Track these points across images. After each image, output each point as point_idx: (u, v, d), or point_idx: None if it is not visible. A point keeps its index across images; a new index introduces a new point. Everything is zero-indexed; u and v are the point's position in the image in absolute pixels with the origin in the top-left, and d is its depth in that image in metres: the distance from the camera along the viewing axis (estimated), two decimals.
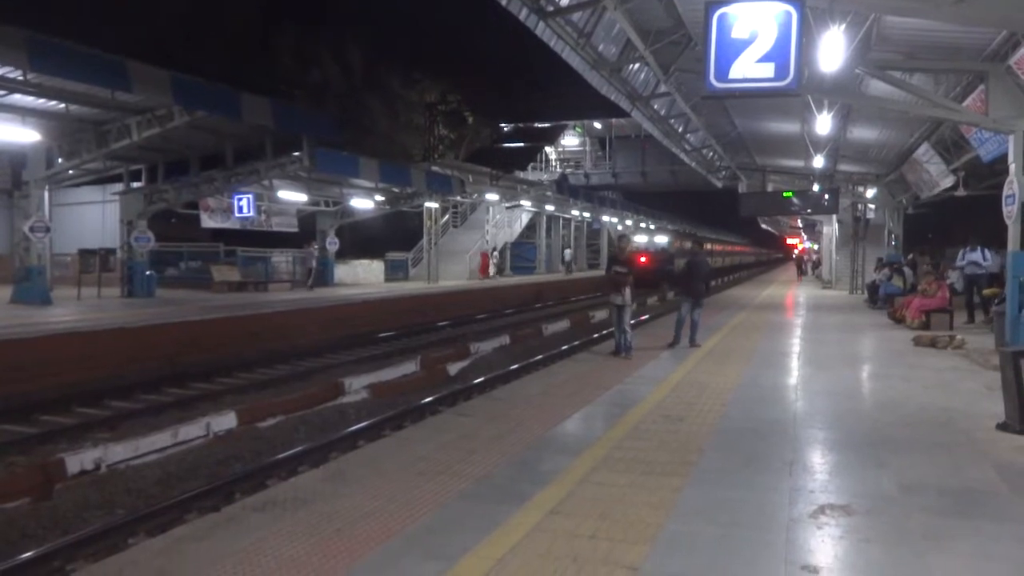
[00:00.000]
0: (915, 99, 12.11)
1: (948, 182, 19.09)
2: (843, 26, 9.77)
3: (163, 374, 12.80)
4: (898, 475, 5.32)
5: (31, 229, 17.64)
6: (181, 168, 22.50)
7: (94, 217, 25.88)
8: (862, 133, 19.73)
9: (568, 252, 46.74)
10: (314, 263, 27.61)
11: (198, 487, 7.12)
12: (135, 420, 10.11)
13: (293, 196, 27.35)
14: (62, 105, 16.64)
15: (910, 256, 22.56)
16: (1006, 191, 10.67)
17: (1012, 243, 10.60)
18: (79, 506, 6.86)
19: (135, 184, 22.81)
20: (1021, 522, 4.45)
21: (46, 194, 18.76)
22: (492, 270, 36.38)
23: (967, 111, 12.05)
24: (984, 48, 10.80)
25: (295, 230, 30.46)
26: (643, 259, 43.11)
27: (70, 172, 21.00)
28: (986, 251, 15.92)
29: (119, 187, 23.25)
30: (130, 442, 8.34)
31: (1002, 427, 6.53)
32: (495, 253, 37.46)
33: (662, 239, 50.86)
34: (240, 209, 25.92)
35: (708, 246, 35.08)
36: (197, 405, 11.03)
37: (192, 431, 9.05)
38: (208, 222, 26.69)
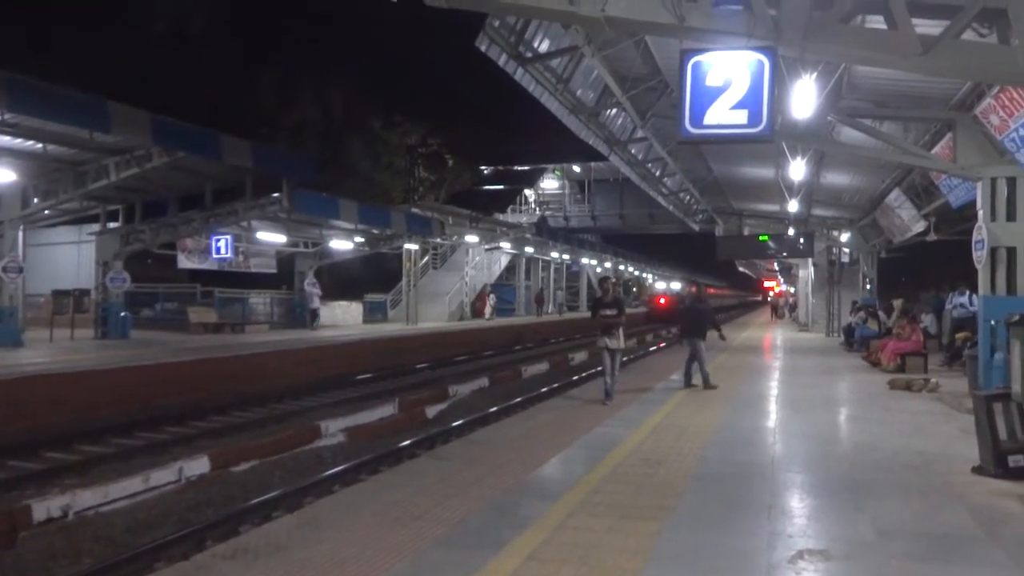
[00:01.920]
0: (885, 146, 12.38)
1: (919, 227, 19.44)
2: (814, 75, 10.02)
3: (136, 418, 12.57)
4: (875, 519, 5.32)
5: (4, 269, 17.37)
6: (159, 208, 22.38)
7: (69, 258, 25.60)
8: (835, 179, 20.11)
9: (560, 294, 47.58)
10: (318, 304, 27.70)
11: (168, 534, 6.95)
12: (105, 465, 9.89)
13: (272, 237, 27.28)
14: (39, 145, 16.56)
15: (888, 303, 22.65)
16: (975, 237, 10.87)
17: (983, 287, 10.77)
18: (44, 555, 6.66)
19: (112, 224, 22.64)
20: (996, 566, 4.46)
21: (20, 234, 18.56)
22: (489, 311, 36.55)
23: (936, 158, 12.33)
24: (951, 97, 11.11)
25: (273, 271, 30.32)
26: (662, 300, 52.45)
27: (46, 212, 20.82)
28: (973, 296, 16.12)
29: (95, 227, 23.06)
30: (99, 488, 8.14)
31: (977, 471, 6.57)
32: (492, 295, 37.91)
33: (677, 285, 64.72)
34: (218, 250, 25.75)
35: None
36: (170, 449, 10.83)
37: (164, 476, 8.85)
38: (185, 263, 26.50)
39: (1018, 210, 10.51)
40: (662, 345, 26.32)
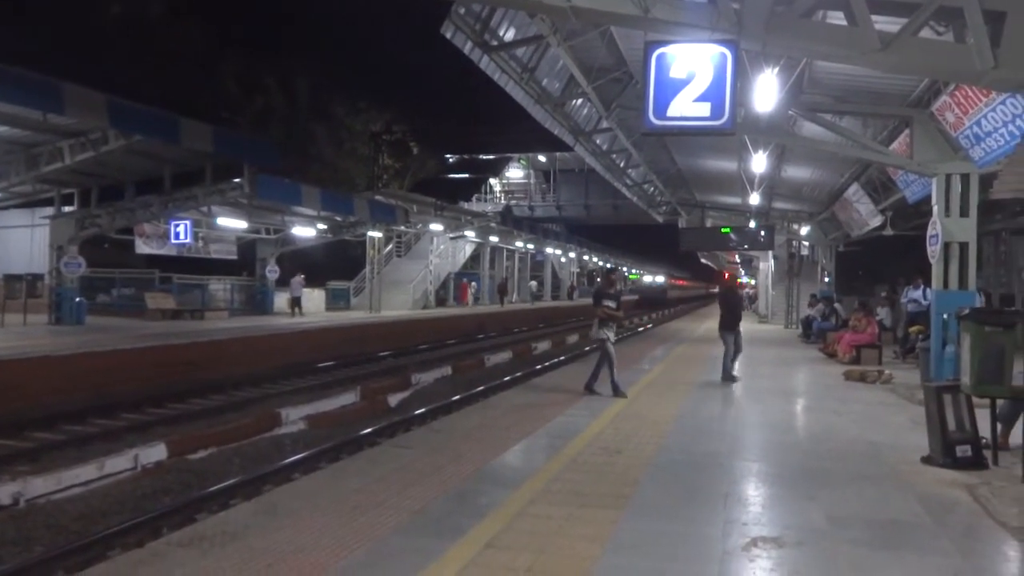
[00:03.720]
0: (845, 141, 12.58)
1: (877, 221, 19.80)
2: (776, 69, 10.15)
3: (90, 404, 12.33)
4: (827, 507, 5.43)
5: None
6: (116, 192, 21.87)
7: (21, 242, 24.96)
8: (796, 172, 20.38)
9: (534, 284, 48.15)
10: (300, 292, 27.80)
11: (122, 522, 6.85)
12: (58, 452, 9.70)
13: (233, 223, 26.84)
14: None
15: (883, 295, 22.49)
16: (930, 231, 11.13)
17: (936, 281, 11.03)
18: None
19: (67, 208, 22.09)
20: (943, 554, 4.58)
21: None
22: (471, 299, 39.25)
23: (893, 154, 12.57)
24: (909, 94, 11.33)
25: (234, 257, 29.88)
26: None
27: None
28: (927, 290, 16.42)
29: (49, 211, 22.48)
30: (52, 475, 8.00)
31: (926, 460, 6.73)
32: (473, 284, 40.26)
33: (660, 278, 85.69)
34: (177, 235, 25.30)
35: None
36: (125, 436, 10.65)
37: (119, 463, 8.73)
38: (143, 248, 25.98)
39: (971, 206, 10.78)
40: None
